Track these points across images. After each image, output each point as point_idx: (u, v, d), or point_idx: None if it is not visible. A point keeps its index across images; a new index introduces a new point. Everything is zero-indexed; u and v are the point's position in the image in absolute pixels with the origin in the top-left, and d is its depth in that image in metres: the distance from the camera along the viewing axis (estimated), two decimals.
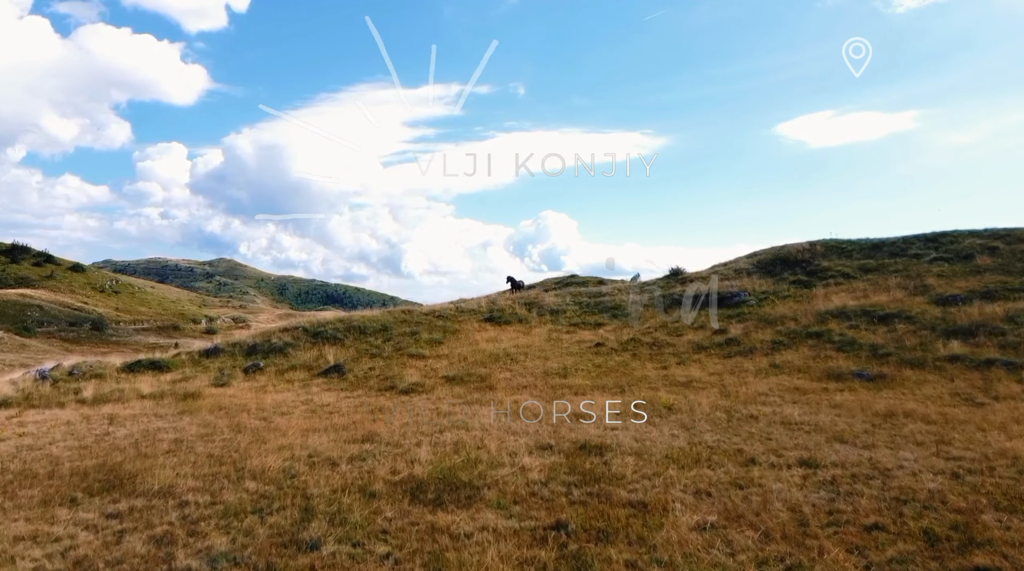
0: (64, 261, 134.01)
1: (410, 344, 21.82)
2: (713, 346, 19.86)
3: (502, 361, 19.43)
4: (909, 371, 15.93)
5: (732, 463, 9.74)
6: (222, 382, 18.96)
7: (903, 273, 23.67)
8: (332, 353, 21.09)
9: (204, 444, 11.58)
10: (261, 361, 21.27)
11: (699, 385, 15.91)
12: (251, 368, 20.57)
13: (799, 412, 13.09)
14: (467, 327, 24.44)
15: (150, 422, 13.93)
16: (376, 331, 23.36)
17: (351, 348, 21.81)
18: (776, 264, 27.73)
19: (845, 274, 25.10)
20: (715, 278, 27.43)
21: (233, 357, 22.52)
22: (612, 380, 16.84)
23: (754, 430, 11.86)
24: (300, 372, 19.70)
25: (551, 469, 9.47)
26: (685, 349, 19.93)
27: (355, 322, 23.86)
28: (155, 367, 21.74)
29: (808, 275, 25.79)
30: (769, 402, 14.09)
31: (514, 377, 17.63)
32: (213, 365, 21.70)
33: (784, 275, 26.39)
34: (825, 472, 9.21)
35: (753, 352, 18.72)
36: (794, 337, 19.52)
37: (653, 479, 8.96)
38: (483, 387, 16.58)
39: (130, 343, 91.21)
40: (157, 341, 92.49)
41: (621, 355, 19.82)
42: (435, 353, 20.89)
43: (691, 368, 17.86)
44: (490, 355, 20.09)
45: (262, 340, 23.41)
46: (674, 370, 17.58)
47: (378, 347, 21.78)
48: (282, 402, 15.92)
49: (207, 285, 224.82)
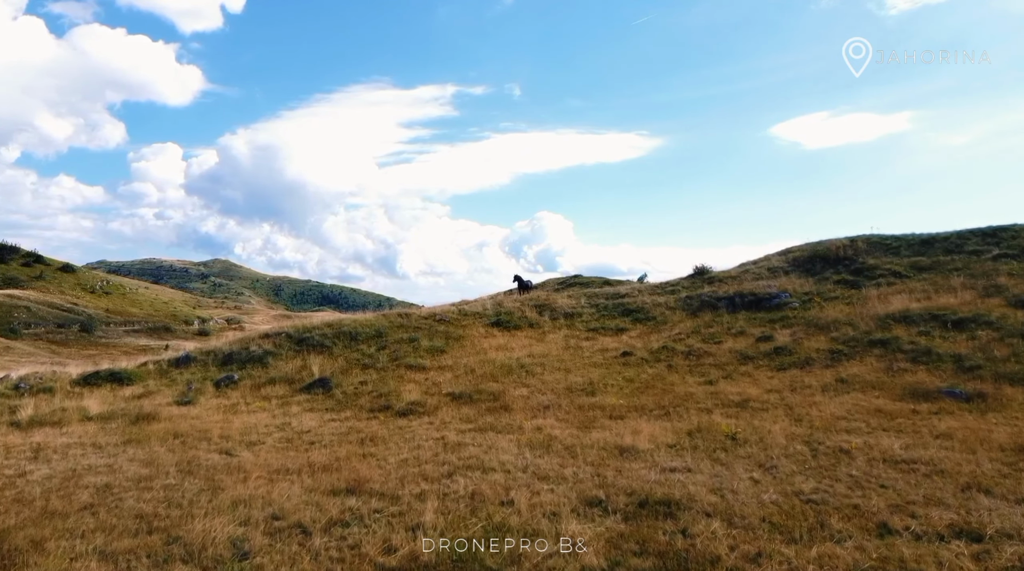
0: (54, 261, 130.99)
1: (408, 353, 19.00)
2: (760, 356, 17.10)
3: (516, 374, 16.63)
4: (1009, 388, 13.17)
5: (860, 531, 6.95)
6: (187, 399, 16.12)
7: (965, 272, 20.95)
8: (318, 363, 18.25)
9: (138, 494, 8.76)
10: (236, 373, 18.43)
11: (758, 406, 13.15)
12: (223, 381, 17.73)
13: (900, 445, 10.33)
14: (472, 333, 21.63)
15: (83, 457, 11.08)
16: (369, 337, 20.54)
17: (340, 358, 18.98)
18: (814, 262, 25.01)
19: (896, 273, 22.39)
20: (748, 278, 24.71)
21: (205, 368, 19.68)
22: (651, 399, 14.06)
23: (855, 472, 9.11)
24: (279, 387, 16.87)
25: (611, 544, 6.67)
26: (728, 359, 17.17)
27: (345, 327, 21.03)
28: (115, 379, 18.89)
29: (853, 274, 23.07)
30: (854, 430, 11.33)
31: (532, 394, 14.84)
32: (182, 377, 18.87)
33: (826, 274, 23.66)
34: (1000, 549, 6.45)
35: (811, 364, 15.97)
36: (854, 345, 16.77)
37: (763, 564, 6.18)
38: (496, 407, 13.79)
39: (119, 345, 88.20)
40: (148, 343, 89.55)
41: (654, 366, 17.05)
42: (437, 364, 18.08)
43: (741, 383, 15.10)
44: (501, 366, 17.29)
45: (239, 348, 20.56)
46: (723, 386, 14.81)
47: (371, 356, 18.95)
48: (253, 427, 13.11)
49: (202, 286, 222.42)
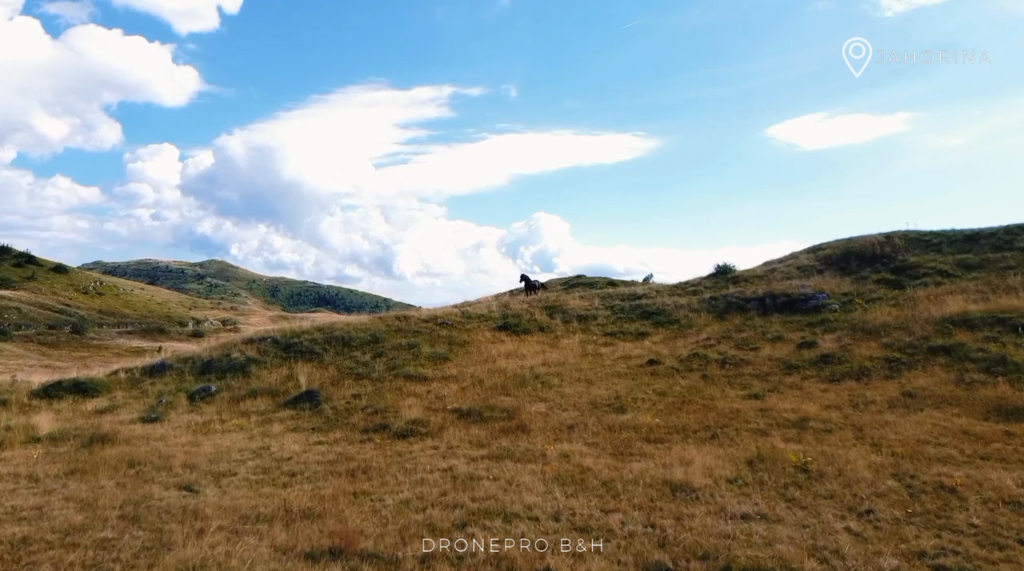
0: (46, 262, 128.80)
1: (407, 361, 16.98)
2: (806, 365, 15.12)
3: (530, 386, 14.63)
4: None
5: None
6: (154, 415, 14.08)
7: (1022, 270, 18.99)
8: (306, 373, 16.22)
9: (60, 554, 6.72)
10: (214, 384, 16.39)
11: (820, 426, 11.15)
12: (199, 394, 15.70)
13: (1013, 480, 8.36)
14: (478, 337, 19.61)
15: (11, 495, 9.04)
16: (364, 344, 18.51)
17: (331, 366, 16.95)
18: (848, 260, 23.05)
19: (942, 272, 20.43)
20: (776, 278, 22.74)
21: (181, 377, 17.64)
22: (691, 417, 12.06)
23: (977, 520, 7.15)
24: (262, 400, 14.84)
25: None
26: (769, 368, 15.18)
27: (337, 332, 18.99)
28: (79, 390, 16.86)
29: (894, 273, 21.11)
30: (948, 459, 9.35)
31: (552, 411, 12.83)
32: (154, 388, 16.83)
33: (863, 273, 21.70)
34: None
35: (868, 375, 13.99)
36: (913, 353, 14.79)
37: None
38: (512, 427, 11.77)
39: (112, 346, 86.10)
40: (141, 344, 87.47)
41: (687, 377, 15.05)
42: (440, 373, 16.05)
43: (792, 397, 13.11)
44: (513, 377, 15.28)
45: (220, 354, 18.52)
46: (772, 401, 12.81)
47: (366, 365, 16.92)
48: (225, 452, 11.09)
49: (198, 287, 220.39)
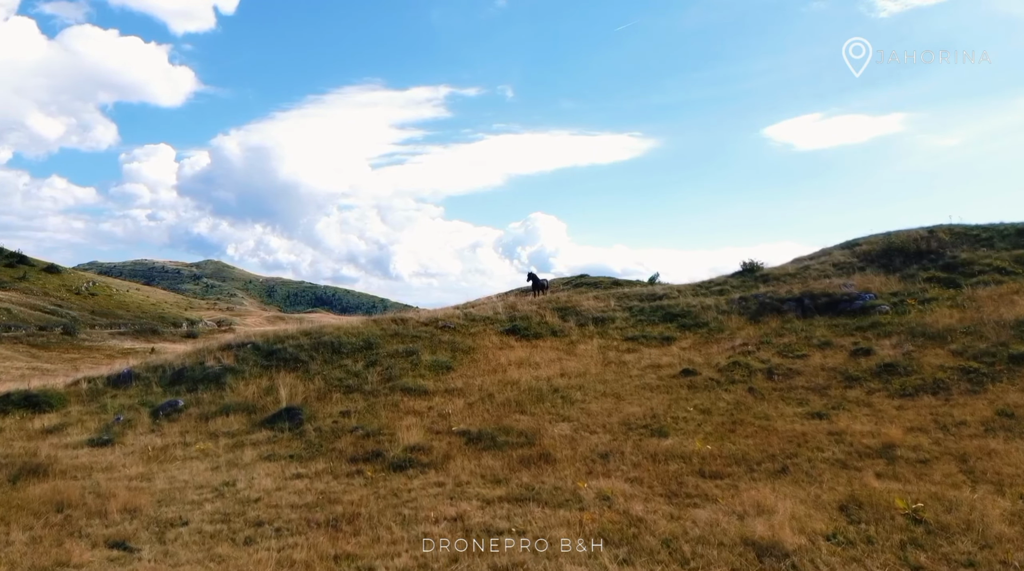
0: (38, 262, 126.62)
1: (405, 371, 14.85)
2: (867, 376, 13.03)
3: (549, 401, 12.51)
4: None
5: None
6: (107, 437, 11.95)
7: None
8: (288, 385, 14.10)
9: None
10: (183, 397, 14.26)
11: (911, 455, 9.06)
12: (164, 409, 13.58)
13: None
14: (484, 343, 17.49)
15: None
16: (356, 350, 16.36)
17: (317, 377, 14.81)
18: (890, 256, 20.97)
19: (1000, 269, 18.37)
20: (811, 276, 20.67)
21: (148, 388, 15.51)
22: (749, 442, 9.96)
23: None
24: (235, 419, 12.71)
25: None
26: (825, 380, 13.09)
27: (326, 337, 16.83)
28: (29, 405, 14.73)
29: (945, 270, 19.04)
30: None
31: (579, 434, 10.72)
32: (114, 403, 14.71)
33: (909, 270, 19.63)
34: None
35: (946, 389, 11.89)
36: (992, 362, 12.71)
37: None
38: (533, 456, 9.65)
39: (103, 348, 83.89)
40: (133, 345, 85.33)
41: (730, 390, 12.95)
42: (443, 386, 13.92)
43: (862, 416, 11.00)
44: (528, 390, 13.17)
45: (193, 362, 16.39)
46: (841, 422, 10.70)
47: (357, 375, 14.80)
48: (181, 489, 8.98)
49: (194, 287, 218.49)
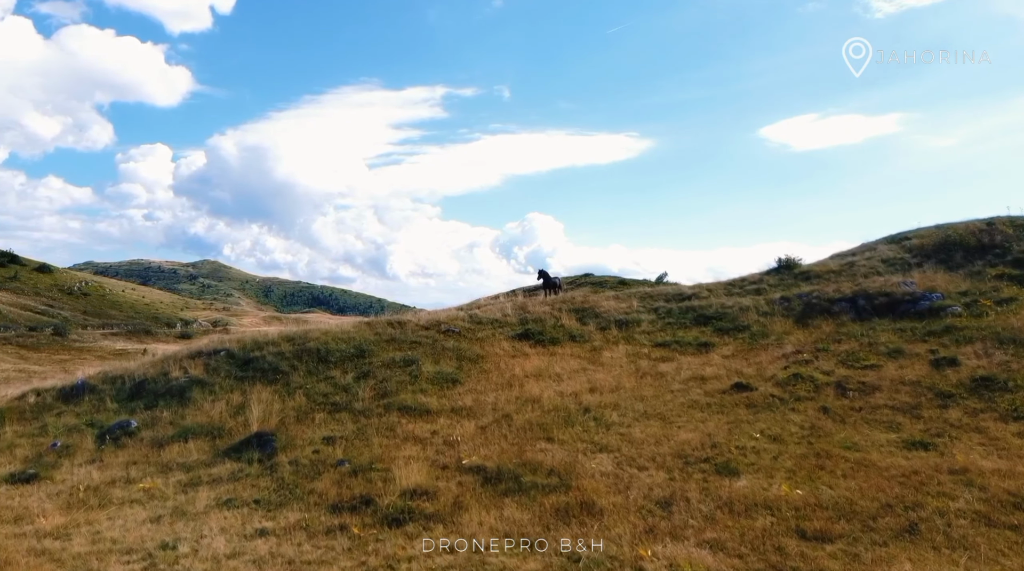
0: (30, 262, 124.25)
1: (403, 385, 12.54)
2: (963, 392, 10.75)
3: (580, 425, 10.22)
4: None
5: None
6: (33, 471, 9.65)
7: None
8: (263, 402, 11.79)
9: None
10: (138, 417, 11.95)
11: None
12: (114, 432, 11.27)
13: None
14: (494, 350, 15.19)
15: None
16: (346, 359, 14.04)
17: (299, 392, 12.49)
18: (949, 251, 18.71)
19: None
20: (860, 273, 18.41)
21: (101, 404, 13.21)
22: (849, 484, 7.67)
23: None
24: (195, 445, 10.39)
25: None
26: (910, 398, 10.80)
27: (312, 343, 14.49)
28: None
29: (1016, 267, 16.78)
30: None
31: (624, 470, 8.44)
32: (59, 421, 12.41)
33: (975, 267, 17.37)
34: None
35: None
36: None
37: None
38: (571, 506, 7.35)
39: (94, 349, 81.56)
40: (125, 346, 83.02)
41: (798, 410, 10.66)
42: (449, 404, 11.61)
43: (977, 446, 8.72)
44: (553, 409, 10.87)
45: (157, 373, 14.07)
46: (957, 456, 8.40)
47: (347, 389, 12.49)
48: (102, 554, 6.69)
49: (191, 287, 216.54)
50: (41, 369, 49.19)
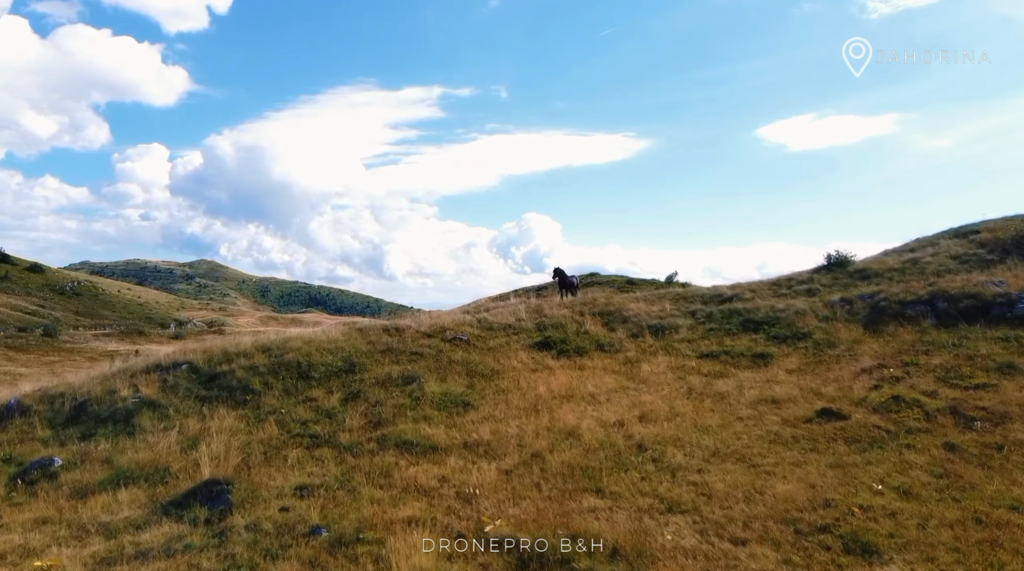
0: (21, 261, 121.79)
1: (402, 409, 10.05)
2: None
3: (635, 468, 7.75)
4: None
5: None
6: None
7: None
8: (225, 432, 9.31)
9: None
10: (65, 452, 9.46)
11: None
12: (30, 473, 8.79)
13: None
14: (511, 363, 12.72)
15: None
16: (332, 374, 11.55)
17: (271, 418, 10.00)
18: None
19: None
20: (929, 271, 15.98)
21: (31, 429, 10.72)
22: None
23: None
24: (127, 496, 7.89)
25: None
26: None
27: (291, 356, 12.00)
28: None
29: None
30: None
31: (711, 545, 5.97)
32: None
33: None
34: None
35: None
36: None
37: None
38: None
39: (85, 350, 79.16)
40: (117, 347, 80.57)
41: (915, 446, 8.19)
42: (461, 436, 9.10)
43: None
44: (596, 447, 8.39)
45: (103, 391, 11.58)
46: None
47: (331, 416, 10.00)
48: None
49: (187, 287, 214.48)
50: (28, 371, 46.64)
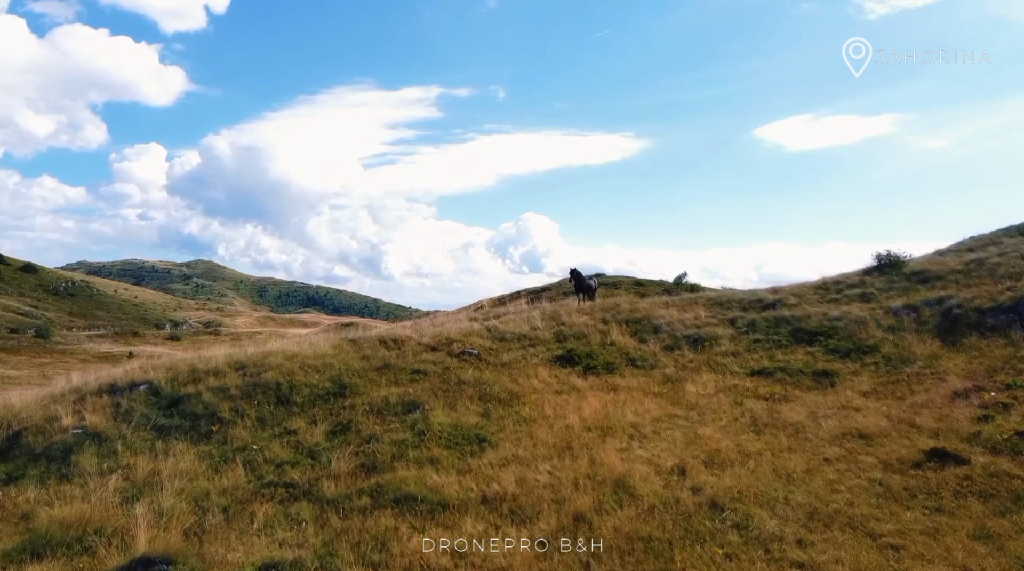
0: (14, 261, 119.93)
1: (403, 447, 8.08)
2: None
3: (715, 540, 5.80)
4: None
5: None
6: None
7: None
8: (180, 478, 7.35)
9: None
10: None
11: None
12: None
13: None
14: (531, 383, 10.75)
15: None
16: (317, 398, 9.59)
17: (239, 457, 8.02)
18: None
19: None
20: (1001, 273, 14.07)
21: None
22: None
23: None
24: None
25: None
26: None
27: (269, 374, 10.03)
28: None
29: None
30: None
31: None
32: None
33: None
34: None
35: None
36: None
37: None
38: None
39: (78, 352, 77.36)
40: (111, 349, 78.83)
41: None
42: (477, 487, 7.12)
43: None
44: (657, 505, 6.44)
45: (43, 418, 9.60)
46: None
47: (313, 454, 8.03)
48: None
49: (184, 287, 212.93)
50: (19, 374, 44.78)
